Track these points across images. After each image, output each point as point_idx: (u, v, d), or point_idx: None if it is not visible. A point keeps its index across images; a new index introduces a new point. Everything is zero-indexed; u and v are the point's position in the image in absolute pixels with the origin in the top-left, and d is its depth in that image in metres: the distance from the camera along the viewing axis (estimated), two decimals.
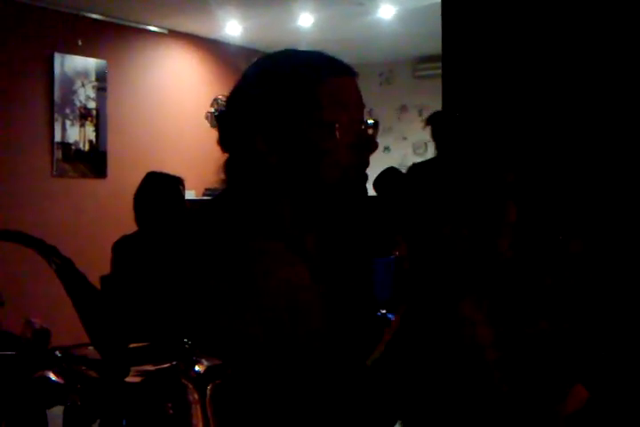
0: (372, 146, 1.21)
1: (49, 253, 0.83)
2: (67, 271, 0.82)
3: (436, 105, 3.80)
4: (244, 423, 0.99)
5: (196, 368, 0.79)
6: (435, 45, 3.11)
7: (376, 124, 1.23)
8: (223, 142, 1.24)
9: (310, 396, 1.04)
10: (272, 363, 1.04)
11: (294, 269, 1.15)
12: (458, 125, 2.43)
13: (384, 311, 3.78)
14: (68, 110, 6.01)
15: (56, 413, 0.94)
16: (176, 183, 3.69)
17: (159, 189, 3.63)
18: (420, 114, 8.11)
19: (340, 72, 1.21)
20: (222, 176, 1.24)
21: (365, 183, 1.23)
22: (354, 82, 1.23)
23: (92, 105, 6.17)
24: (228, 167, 1.24)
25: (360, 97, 1.23)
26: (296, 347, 1.07)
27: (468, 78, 2.41)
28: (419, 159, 8.09)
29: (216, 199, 1.26)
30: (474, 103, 2.38)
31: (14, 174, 5.64)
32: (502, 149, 2.24)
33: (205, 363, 0.80)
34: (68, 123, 6.00)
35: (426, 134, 8.05)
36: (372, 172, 1.55)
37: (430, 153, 8.05)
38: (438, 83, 2.76)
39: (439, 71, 2.69)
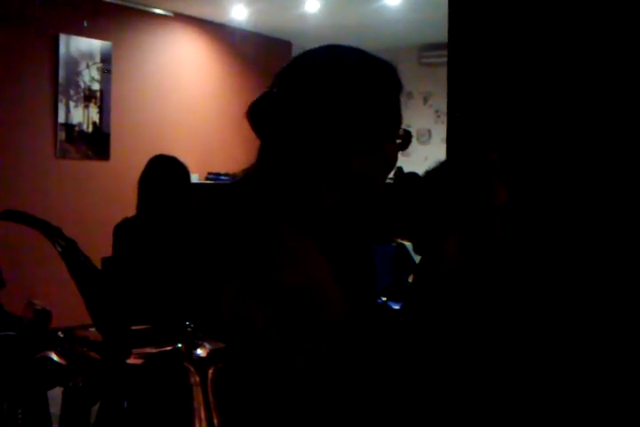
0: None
1: (53, 234, 0.83)
2: (71, 253, 0.82)
3: (441, 93, 3.81)
4: (245, 407, 0.99)
5: (198, 351, 0.80)
6: (441, 33, 3.09)
7: None
8: (277, 127, 1.20)
9: (315, 383, 1.04)
10: (278, 353, 1.03)
11: (314, 255, 1.13)
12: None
13: (384, 299, 3.80)
14: (72, 91, 6.00)
15: (57, 394, 0.94)
16: (184, 168, 3.67)
17: (166, 173, 3.61)
18: (425, 101, 8.09)
19: None
20: (254, 161, 1.22)
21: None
22: None
23: (96, 86, 6.15)
24: (271, 154, 1.20)
25: None
26: (314, 334, 1.05)
27: (474, 66, 2.39)
28: (422, 147, 8.09)
29: (243, 184, 1.23)
30: (479, 92, 2.37)
31: (17, 154, 5.64)
32: (506, 138, 2.24)
33: (207, 346, 0.80)
34: (72, 104, 5.99)
35: (430, 122, 8.06)
36: None
37: (434, 141, 8.05)
38: (444, 70, 2.75)
39: (445, 59, 2.68)
